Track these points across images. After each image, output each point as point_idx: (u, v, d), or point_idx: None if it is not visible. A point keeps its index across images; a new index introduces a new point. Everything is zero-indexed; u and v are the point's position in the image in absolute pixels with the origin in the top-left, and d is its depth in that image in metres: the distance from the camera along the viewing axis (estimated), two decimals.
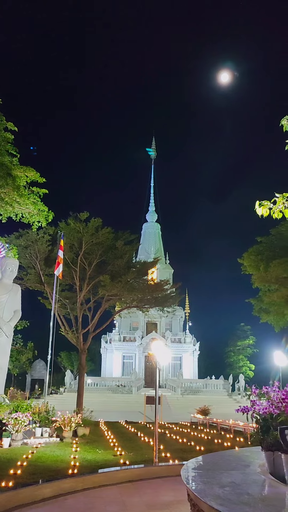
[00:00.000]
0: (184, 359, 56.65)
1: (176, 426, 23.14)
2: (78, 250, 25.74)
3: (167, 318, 54.38)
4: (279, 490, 3.82)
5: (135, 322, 57.93)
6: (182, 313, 59.85)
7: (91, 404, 24.57)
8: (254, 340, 64.76)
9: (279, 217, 6.13)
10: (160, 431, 18.72)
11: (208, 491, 3.61)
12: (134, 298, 28.85)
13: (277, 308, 30.27)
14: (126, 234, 27.64)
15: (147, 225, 64.13)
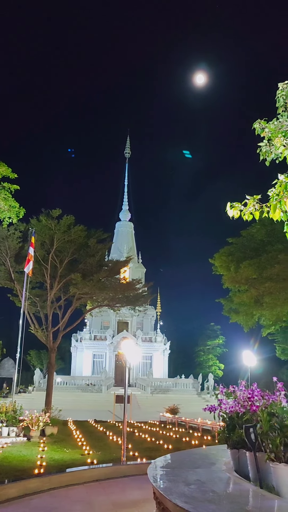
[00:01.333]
0: (154, 358, 56.87)
1: (145, 425, 23.22)
2: (49, 247, 25.44)
3: (139, 317, 54.45)
4: (243, 487, 3.89)
5: (106, 321, 57.75)
6: (154, 312, 60.08)
7: (60, 403, 24.34)
8: (224, 340, 65.64)
9: (249, 219, 6.23)
10: (129, 430, 18.74)
11: (174, 489, 3.64)
12: (106, 297, 28.75)
13: (246, 309, 30.75)
14: (99, 232, 27.51)
15: (120, 223, 64.03)
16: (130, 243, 62.56)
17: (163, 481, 4.08)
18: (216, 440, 15.06)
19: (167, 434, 18.15)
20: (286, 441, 3.68)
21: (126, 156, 68.03)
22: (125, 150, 68.19)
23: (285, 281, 25.91)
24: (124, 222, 64.26)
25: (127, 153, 68.09)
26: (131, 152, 68.60)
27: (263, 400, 4.35)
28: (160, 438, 15.75)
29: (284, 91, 6.72)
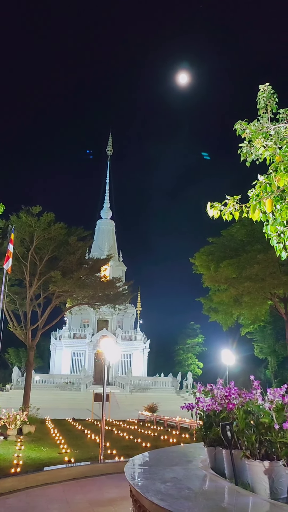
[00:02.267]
0: (134, 357, 56.90)
1: (124, 423, 23.24)
2: (29, 244, 25.19)
3: (119, 315, 54.38)
4: (218, 484, 3.93)
5: (86, 319, 57.50)
6: (134, 311, 60.10)
7: (39, 401, 24.15)
8: (203, 339, 66.13)
9: (229, 219, 6.29)
10: (107, 428, 18.72)
11: (150, 487, 3.65)
12: (86, 295, 28.65)
13: (226, 308, 31.06)
14: (80, 230, 27.38)
15: (101, 221, 63.79)
16: (111, 241, 62.40)
17: (140, 479, 4.09)
18: (194, 438, 15.17)
19: (146, 432, 18.20)
20: (261, 439, 3.73)
21: (108, 154, 67.83)
22: (107, 148, 67.96)
23: (264, 281, 26.25)
24: (105, 220, 64.05)
25: (109, 150, 67.88)
26: (113, 150, 68.43)
27: (240, 398, 4.40)
28: (138, 436, 15.79)
29: (265, 93, 6.80)
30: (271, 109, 6.86)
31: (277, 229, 6.65)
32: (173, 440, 14.85)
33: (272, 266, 25.84)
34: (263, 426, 3.69)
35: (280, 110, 6.95)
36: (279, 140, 6.31)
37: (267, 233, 6.85)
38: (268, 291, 27.58)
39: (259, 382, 4.44)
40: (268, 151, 6.07)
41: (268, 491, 3.55)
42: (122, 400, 39.47)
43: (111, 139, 68.46)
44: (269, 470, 3.57)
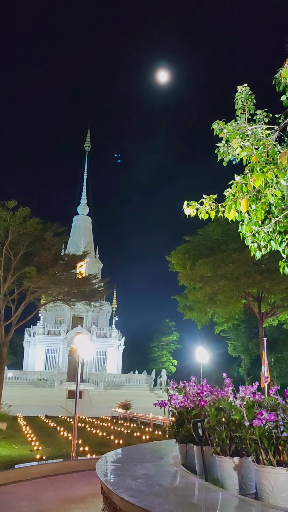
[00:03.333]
0: (109, 354, 56.80)
1: (97, 420, 23.18)
2: (3, 239, 24.77)
3: (94, 312, 54.18)
4: (189, 481, 3.96)
5: (61, 316, 57.05)
6: (109, 308, 59.95)
7: (11, 398, 23.86)
8: (178, 336, 66.56)
9: (205, 218, 6.33)
10: (80, 425, 18.65)
11: (121, 484, 3.65)
12: (61, 292, 28.40)
13: (201, 306, 31.31)
14: (56, 225, 27.09)
15: (78, 217, 63.31)
16: (88, 237, 62.04)
17: (111, 476, 4.09)
18: (166, 435, 15.26)
19: (119, 429, 18.21)
20: (232, 435, 3.78)
21: (85, 150, 67.33)
22: (85, 144, 67.45)
23: (238, 280, 26.58)
24: (82, 216, 63.60)
25: (87, 146, 67.37)
26: (91, 146, 67.97)
27: (212, 396, 4.44)
28: (111, 433, 15.78)
29: (243, 94, 6.87)
30: (248, 110, 6.93)
31: (252, 229, 6.73)
32: (146, 437, 14.91)
33: (246, 265, 26.22)
34: (233, 423, 3.74)
35: (257, 111, 7.03)
36: (255, 141, 6.38)
37: (242, 232, 6.93)
38: (242, 290, 27.94)
39: (232, 379, 4.49)
40: (245, 151, 6.14)
41: (237, 487, 3.60)
42: (96, 397, 39.38)
43: (89, 135, 68.03)
44: (239, 466, 3.62)
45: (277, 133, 6.89)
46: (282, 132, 6.99)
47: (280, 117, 6.93)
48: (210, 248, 29.29)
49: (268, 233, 6.75)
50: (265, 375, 16.03)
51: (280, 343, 46.22)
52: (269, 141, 6.36)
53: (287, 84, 5.99)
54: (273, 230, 6.73)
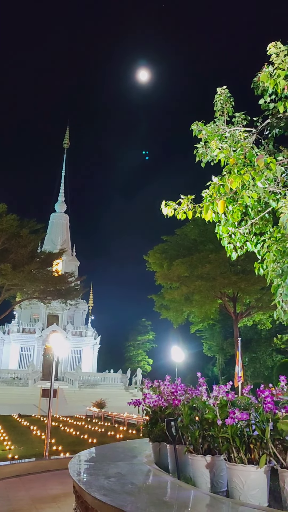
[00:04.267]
0: (84, 353, 56.51)
1: (71, 419, 23.06)
2: None
3: (70, 311, 53.82)
4: (161, 479, 3.98)
5: (36, 314, 56.41)
6: (85, 307, 59.65)
7: None
8: (154, 336, 66.74)
9: (182, 218, 6.37)
10: (54, 424, 18.52)
11: (93, 483, 3.64)
12: (36, 289, 28.17)
13: (177, 306, 31.52)
14: (32, 222, 26.84)
15: (55, 215, 62.71)
16: (65, 235, 61.55)
17: (83, 475, 4.08)
18: (140, 433, 15.29)
19: (93, 428, 18.15)
20: (204, 434, 3.81)
21: (64, 147, 66.76)
22: (64, 141, 66.88)
23: (215, 280, 26.86)
24: (59, 214, 63.04)
25: (66, 143, 66.82)
26: (70, 144, 67.45)
27: (186, 395, 4.47)
28: (85, 432, 15.72)
29: (222, 96, 6.93)
30: (227, 112, 7.00)
31: (228, 230, 6.81)
32: (120, 436, 14.91)
33: (223, 266, 26.51)
34: (206, 421, 3.77)
35: (236, 113, 7.11)
36: (233, 143, 6.46)
37: (219, 233, 7.00)
38: (218, 290, 28.25)
39: (207, 379, 4.53)
40: (223, 153, 6.21)
41: (209, 485, 3.63)
42: (71, 396, 39.12)
43: (68, 132, 67.48)
44: (211, 465, 3.66)
45: (254, 136, 6.99)
46: (260, 135, 7.10)
47: (258, 120, 7.03)
48: (187, 248, 29.50)
49: (244, 234, 6.84)
50: (239, 374, 16.24)
51: (254, 343, 46.86)
52: (247, 143, 6.45)
53: (265, 88, 6.07)
54: (249, 232, 6.83)
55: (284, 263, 5.77)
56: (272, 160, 5.52)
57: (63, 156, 66.34)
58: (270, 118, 6.80)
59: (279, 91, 5.35)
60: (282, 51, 5.19)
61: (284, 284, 5.61)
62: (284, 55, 5.15)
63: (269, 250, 6.41)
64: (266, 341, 45.49)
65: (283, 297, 5.61)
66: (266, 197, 6.31)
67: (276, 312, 5.97)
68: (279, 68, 5.17)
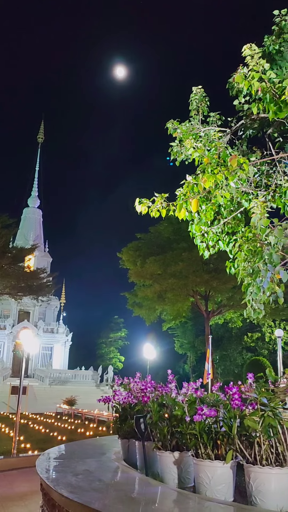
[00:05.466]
0: (55, 350, 56.01)
1: (41, 417, 22.84)
2: None
3: (41, 307, 53.25)
4: (129, 476, 3.99)
5: (7, 310, 55.50)
6: (57, 303, 59.10)
7: None
8: (126, 333, 66.77)
9: (156, 216, 6.38)
10: (23, 421, 18.30)
11: (61, 480, 3.62)
12: (7, 285, 27.73)
13: (150, 303, 31.62)
14: (4, 217, 26.39)
15: (28, 210, 61.78)
16: (37, 230, 60.75)
17: (51, 472, 4.05)
18: (110, 431, 15.29)
19: (62, 426, 18.03)
20: (173, 430, 3.84)
21: (38, 141, 65.83)
22: (38, 135, 65.95)
23: (187, 279, 27.08)
24: (32, 209, 62.14)
25: (40, 138, 65.88)
26: (45, 138, 66.56)
27: (155, 392, 4.50)
28: (54, 430, 15.60)
29: (198, 95, 6.98)
30: (202, 112, 7.05)
31: (201, 229, 6.87)
32: (90, 433, 14.87)
33: (195, 265, 26.75)
34: (175, 418, 3.80)
35: (211, 113, 7.16)
36: (208, 142, 6.51)
37: (192, 232, 7.06)
38: (190, 288, 28.50)
39: (178, 376, 4.57)
40: (197, 152, 6.25)
41: (176, 481, 3.67)
42: (41, 393, 38.71)
43: (43, 126, 66.57)
44: (178, 461, 3.69)
45: (228, 136, 7.06)
46: (234, 135, 7.19)
47: (232, 120, 7.11)
48: (161, 246, 29.62)
49: (216, 233, 6.91)
50: (208, 372, 16.43)
51: (225, 341, 47.49)
52: (221, 143, 6.51)
53: (240, 89, 6.14)
54: (221, 231, 6.91)
55: (255, 263, 5.86)
56: (245, 161, 5.59)
57: (38, 151, 65.46)
58: (244, 119, 6.89)
59: (253, 93, 5.41)
60: (256, 53, 5.26)
61: (255, 283, 5.70)
62: (258, 57, 5.22)
63: (241, 250, 6.50)
64: (236, 339, 46.17)
65: (253, 296, 5.69)
66: (239, 197, 6.39)
67: (246, 310, 6.07)
68: (254, 70, 5.23)
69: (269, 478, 2.98)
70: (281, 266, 5.41)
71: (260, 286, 5.49)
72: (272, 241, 5.25)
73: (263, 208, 5.86)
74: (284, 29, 5.82)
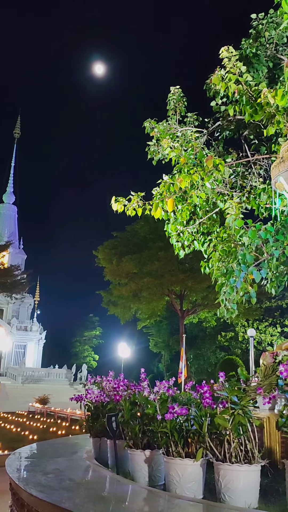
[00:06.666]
0: (29, 348, 55.36)
1: (12, 416, 22.54)
2: None
3: (15, 305, 52.54)
4: (100, 474, 3.98)
5: None
6: (32, 301, 58.40)
7: None
8: (101, 331, 66.51)
9: (132, 214, 6.38)
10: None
11: (30, 479, 3.58)
12: None
13: (125, 302, 31.59)
14: None
15: (3, 206, 60.76)
16: (12, 227, 59.87)
17: (20, 472, 4.00)
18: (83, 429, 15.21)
19: (34, 425, 17.85)
20: (145, 429, 3.85)
21: (15, 137, 64.85)
22: (15, 130, 64.95)
23: (163, 278, 27.19)
24: (7, 205, 61.17)
25: (17, 133, 64.90)
26: (21, 133, 65.60)
27: (128, 390, 4.50)
28: (26, 429, 15.43)
29: (175, 95, 7.00)
30: (179, 112, 7.08)
31: (177, 228, 6.90)
32: (62, 432, 14.76)
33: (171, 264, 26.86)
34: (147, 417, 3.81)
35: (188, 113, 7.20)
36: (185, 142, 6.54)
37: (167, 231, 7.08)
38: (166, 287, 28.62)
39: (152, 375, 4.58)
40: (174, 152, 6.27)
41: (147, 479, 3.68)
42: (13, 392, 38.19)
43: (20, 121, 65.60)
44: (149, 459, 3.70)
45: (205, 137, 7.12)
46: (210, 136, 7.25)
47: (209, 121, 7.16)
48: (137, 245, 29.63)
49: (192, 233, 6.96)
50: (182, 370, 16.54)
51: (199, 340, 47.84)
52: (198, 144, 6.55)
53: (217, 91, 6.20)
54: (197, 231, 6.96)
55: (229, 263, 5.93)
56: (221, 162, 5.65)
57: (14, 146, 64.49)
58: (221, 121, 6.95)
59: (230, 95, 5.47)
60: (234, 55, 5.31)
61: (228, 283, 5.76)
62: (235, 59, 5.28)
63: (215, 250, 6.57)
64: (210, 338, 46.58)
65: (227, 296, 5.75)
66: (214, 198, 6.44)
67: (220, 310, 6.12)
68: (230, 72, 5.29)
69: (238, 475, 3.02)
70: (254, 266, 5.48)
71: (233, 286, 5.55)
72: (246, 241, 5.32)
73: (238, 209, 5.95)
74: (261, 32, 5.90)
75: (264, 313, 34.89)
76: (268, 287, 6.05)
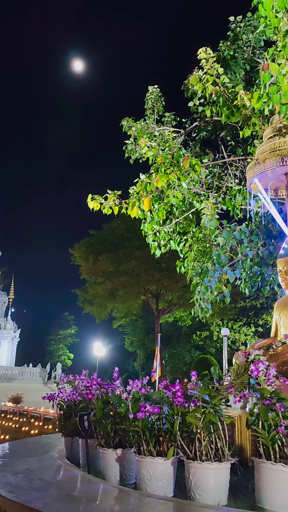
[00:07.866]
0: (2, 346, 54.51)
1: None
2: None
3: None
4: (71, 474, 3.96)
5: None
6: (6, 299, 57.51)
7: None
8: (76, 330, 66.05)
9: (108, 213, 6.35)
10: None
11: (0, 480, 3.53)
12: None
13: (101, 300, 31.45)
14: None
15: None
16: None
17: None
18: (56, 428, 15.07)
19: (6, 424, 17.59)
20: (117, 428, 3.84)
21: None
22: None
23: (139, 277, 27.21)
24: None
25: None
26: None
27: (101, 389, 4.48)
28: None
29: (153, 95, 7.01)
30: (157, 111, 7.09)
31: (153, 228, 6.91)
32: (35, 431, 14.58)
33: (147, 263, 26.90)
34: (119, 415, 3.80)
35: (166, 113, 7.21)
36: (162, 142, 6.55)
37: (144, 230, 7.08)
38: (142, 287, 28.65)
39: (127, 374, 4.57)
40: (151, 151, 6.28)
41: (118, 478, 3.68)
42: None
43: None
44: (121, 458, 3.70)
45: (182, 137, 7.15)
46: (188, 136, 7.28)
47: (186, 121, 7.19)
48: (114, 244, 29.56)
49: (168, 233, 6.99)
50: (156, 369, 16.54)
51: (175, 339, 48.03)
52: (175, 143, 6.57)
53: (194, 91, 6.23)
54: (173, 230, 6.99)
55: (204, 263, 5.98)
56: (198, 162, 5.68)
57: None
58: (198, 121, 6.99)
59: (207, 96, 5.51)
60: (211, 57, 5.35)
61: (203, 282, 5.80)
62: (213, 61, 5.31)
63: (191, 249, 6.61)
64: (185, 337, 46.85)
65: (201, 295, 5.80)
66: (191, 198, 6.48)
67: (194, 309, 6.15)
68: (208, 74, 5.32)
69: (207, 473, 3.05)
70: (228, 266, 5.53)
71: (208, 285, 5.59)
72: (221, 242, 5.37)
73: (214, 209, 6.00)
74: (238, 35, 5.97)
75: (238, 313, 35.26)
76: (242, 287, 6.13)
